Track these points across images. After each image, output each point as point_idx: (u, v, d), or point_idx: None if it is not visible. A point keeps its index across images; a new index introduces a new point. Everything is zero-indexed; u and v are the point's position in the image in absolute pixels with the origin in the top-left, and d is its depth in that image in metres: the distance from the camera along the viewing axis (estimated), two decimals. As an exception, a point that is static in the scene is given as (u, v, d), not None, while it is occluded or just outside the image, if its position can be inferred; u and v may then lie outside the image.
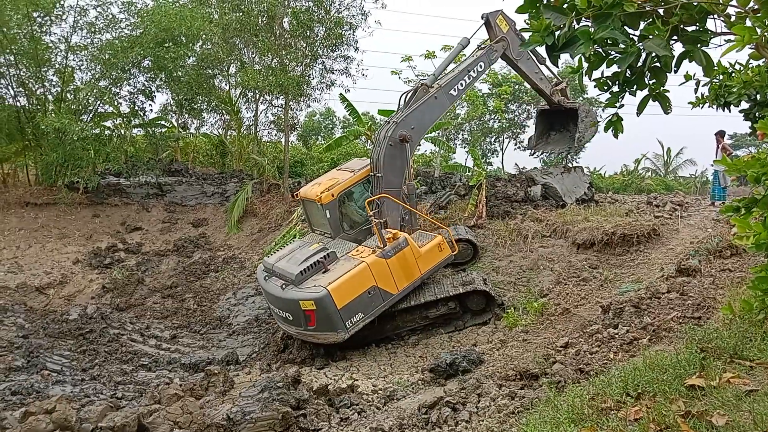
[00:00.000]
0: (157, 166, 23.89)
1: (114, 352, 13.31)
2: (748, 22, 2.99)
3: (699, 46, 3.10)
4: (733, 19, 3.22)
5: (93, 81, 21.88)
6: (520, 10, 3.24)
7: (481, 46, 15.47)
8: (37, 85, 21.79)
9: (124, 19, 21.85)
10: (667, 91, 3.30)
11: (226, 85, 27.01)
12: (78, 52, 21.67)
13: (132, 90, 23.18)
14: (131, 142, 25.21)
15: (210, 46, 23.47)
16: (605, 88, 3.38)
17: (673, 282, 9.65)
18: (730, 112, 4.61)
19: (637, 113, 3.52)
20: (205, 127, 29.88)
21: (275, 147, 28.90)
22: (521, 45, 13.83)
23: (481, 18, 15.16)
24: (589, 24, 3.06)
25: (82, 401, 10.00)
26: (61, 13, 20.80)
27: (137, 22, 21.64)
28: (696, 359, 5.24)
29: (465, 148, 32.25)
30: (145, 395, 10.40)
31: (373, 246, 12.28)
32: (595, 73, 3.31)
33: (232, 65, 25.48)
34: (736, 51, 3.02)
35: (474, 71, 14.92)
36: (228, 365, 12.53)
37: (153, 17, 20.98)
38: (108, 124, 24.01)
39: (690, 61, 3.16)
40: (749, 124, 4.46)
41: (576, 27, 3.10)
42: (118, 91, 22.80)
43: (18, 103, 21.71)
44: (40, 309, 16.46)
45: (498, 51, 15.22)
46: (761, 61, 3.77)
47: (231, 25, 21.11)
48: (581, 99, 27.74)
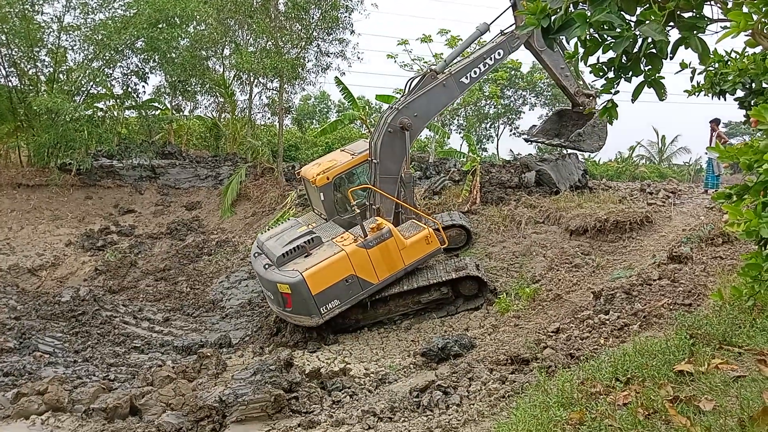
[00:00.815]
0: (150, 148, 23.69)
1: (106, 334, 13.32)
2: (745, 9, 2.97)
3: (695, 32, 3.08)
4: (729, 5, 3.21)
5: (86, 62, 21.66)
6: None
7: (503, 31, 14.08)
8: (29, 65, 21.56)
9: (117, -1, 21.56)
10: (663, 77, 3.29)
11: (220, 67, 26.83)
12: (71, 32, 21.42)
13: (125, 71, 22.97)
14: (124, 124, 25.02)
15: (204, 28, 23.21)
16: (601, 74, 3.37)
17: (665, 269, 9.70)
18: (726, 100, 4.59)
19: (632, 99, 3.50)
20: (198, 110, 29.81)
21: (269, 130, 28.72)
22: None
23: None
24: (586, 8, 3.05)
25: (75, 383, 10.04)
26: (53, -9, 20.52)
27: (131, 2, 21.39)
28: (685, 345, 5.30)
29: (460, 133, 32.20)
30: (138, 377, 10.47)
31: (357, 234, 12.22)
32: (591, 59, 3.29)
33: (227, 47, 25.27)
34: (732, 37, 3.00)
35: (491, 59, 13.65)
36: (221, 348, 12.58)
37: (147, -3, 20.69)
38: (101, 105, 23.84)
39: (686, 47, 3.15)
40: (744, 112, 4.45)
41: (572, 11, 3.09)
42: (111, 72, 22.60)
43: (10, 83, 21.51)
44: (33, 291, 16.45)
45: (521, 39, 13.77)
46: (757, 49, 3.75)
47: (225, 5, 20.84)
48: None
